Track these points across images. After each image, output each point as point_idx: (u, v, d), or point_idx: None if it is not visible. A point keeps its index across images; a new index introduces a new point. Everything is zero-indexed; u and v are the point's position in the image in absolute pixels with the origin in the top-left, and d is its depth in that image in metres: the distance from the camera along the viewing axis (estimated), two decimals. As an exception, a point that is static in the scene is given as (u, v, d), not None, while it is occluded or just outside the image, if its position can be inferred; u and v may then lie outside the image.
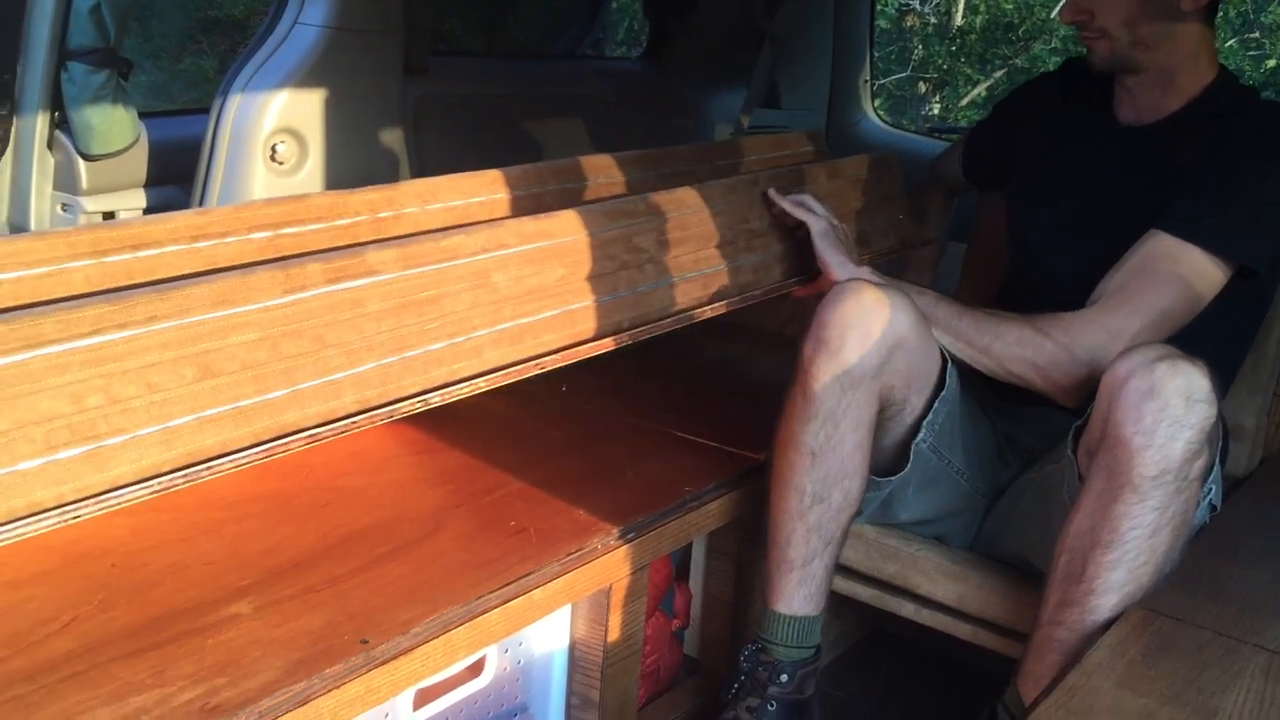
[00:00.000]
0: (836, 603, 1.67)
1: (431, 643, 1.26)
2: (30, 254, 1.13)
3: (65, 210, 2.04)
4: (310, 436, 1.20)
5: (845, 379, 1.49)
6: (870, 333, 1.48)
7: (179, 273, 1.22)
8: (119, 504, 1.06)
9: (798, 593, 1.57)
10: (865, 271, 1.63)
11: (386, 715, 1.32)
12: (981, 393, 1.65)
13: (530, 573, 1.39)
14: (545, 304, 1.45)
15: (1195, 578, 1.41)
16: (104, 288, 1.16)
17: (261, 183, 1.76)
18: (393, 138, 1.94)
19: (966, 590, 1.61)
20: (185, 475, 1.10)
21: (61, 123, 2.05)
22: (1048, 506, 1.51)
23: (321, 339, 1.22)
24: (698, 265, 1.69)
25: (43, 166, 2.06)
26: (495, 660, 1.45)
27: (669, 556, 1.72)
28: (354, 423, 1.23)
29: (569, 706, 1.59)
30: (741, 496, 1.69)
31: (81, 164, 2.03)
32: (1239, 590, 1.42)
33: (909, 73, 8.70)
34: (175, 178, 2.10)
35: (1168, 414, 1.30)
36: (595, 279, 1.52)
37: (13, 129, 2.08)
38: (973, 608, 1.61)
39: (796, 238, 1.75)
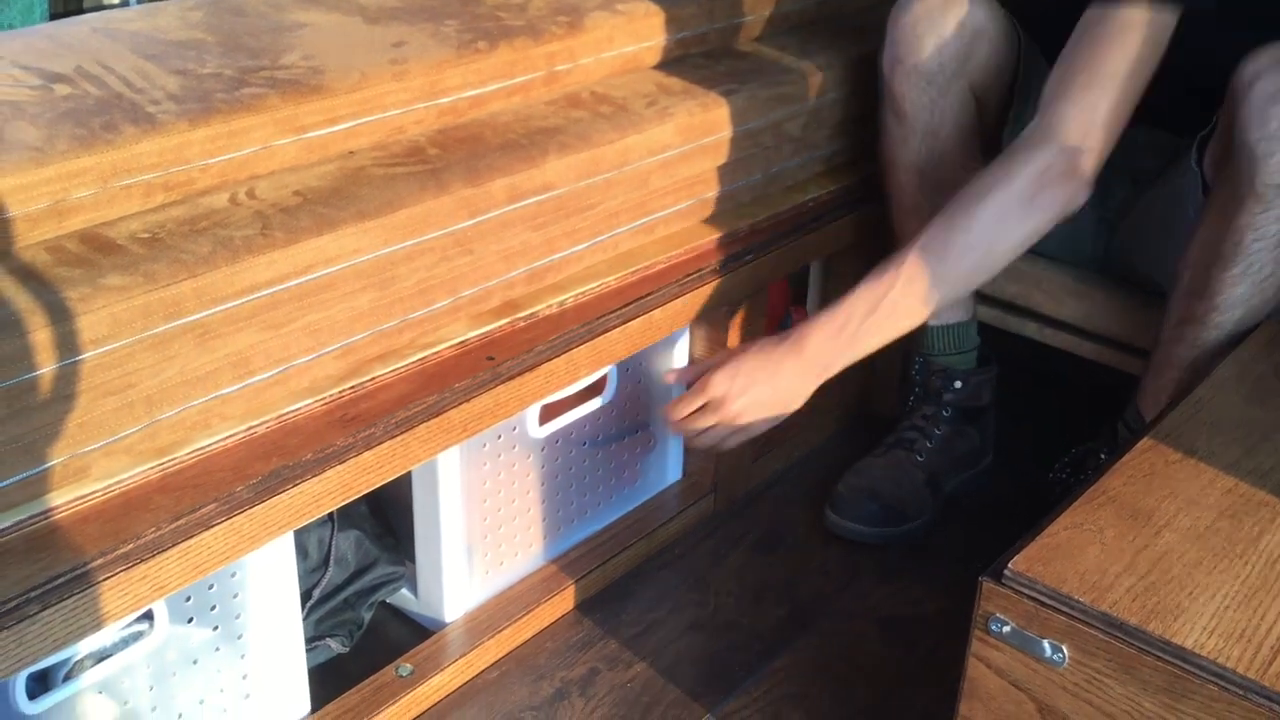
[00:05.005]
0: (955, 324, 1.66)
1: (554, 361, 1.30)
2: (236, 131, 1.13)
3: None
4: (460, 344, 1.26)
5: (931, 86, 1.44)
6: (944, 30, 1.42)
7: (373, 145, 1.25)
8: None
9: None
10: None
11: (514, 429, 1.38)
12: None
13: (649, 294, 1.41)
14: (684, 195, 1.48)
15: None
16: (306, 172, 1.19)
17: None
18: None
19: (1092, 309, 1.59)
20: (354, 387, 1.18)
21: None
22: (1172, 223, 1.45)
23: (489, 251, 1.27)
24: (831, 143, 1.67)
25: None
26: (616, 379, 1.49)
27: (786, 280, 1.72)
28: (496, 329, 1.29)
29: (688, 424, 1.63)
30: (860, 220, 1.67)
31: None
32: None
33: None
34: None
35: None
36: (734, 165, 1.52)
37: None
38: (1099, 326, 1.59)
39: None
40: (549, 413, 1.41)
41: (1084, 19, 1.31)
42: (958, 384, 1.63)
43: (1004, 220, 1.29)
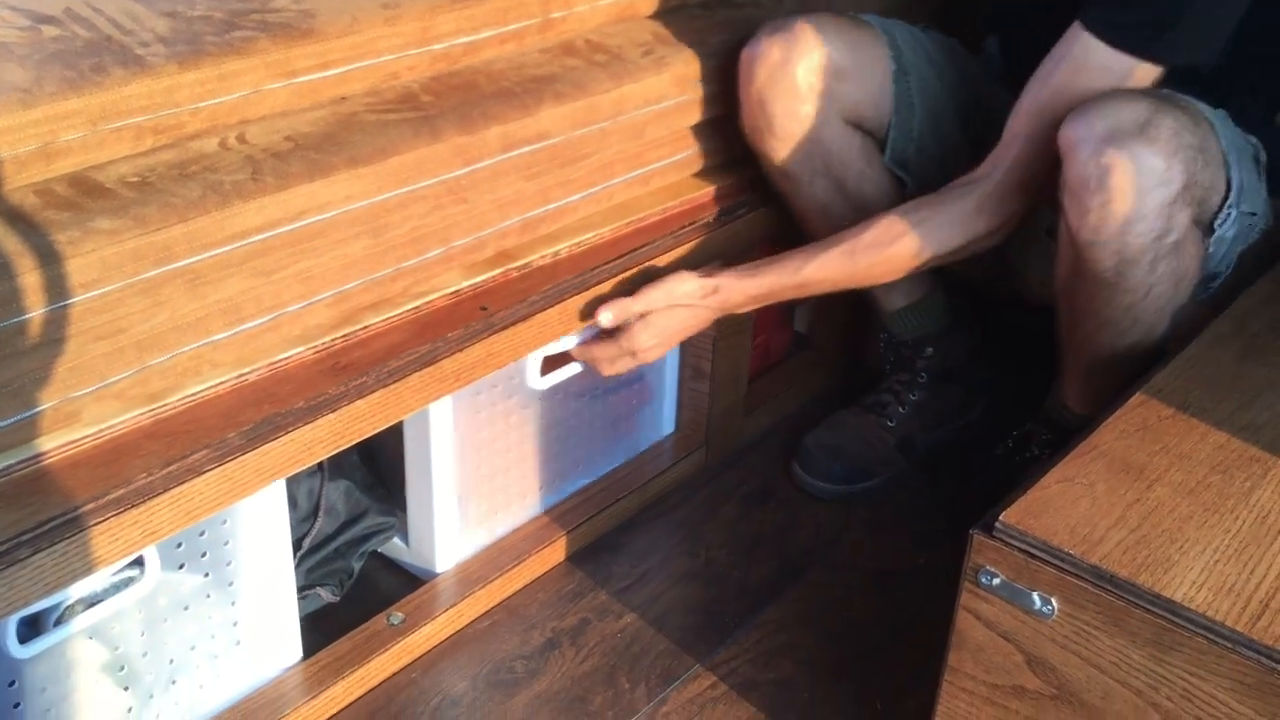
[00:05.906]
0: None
1: (547, 311, 1.29)
2: (226, 74, 1.11)
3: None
4: (453, 294, 1.25)
5: (805, 146, 1.41)
6: (796, 87, 1.38)
7: (365, 90, 1.23)
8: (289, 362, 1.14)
9: (887, 297, 1.58)
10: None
11: (513, 379, 1.37)
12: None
13: (643, 245, 1.40)
14: (679, 147, 1.47)
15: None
16: (297, 117, 1.17)
17: None
18: None
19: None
20: (345, 335, 1.17)
21: None
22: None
23: (483, 200, 1.25)
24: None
25: None
26: (609, 331, 1.48)
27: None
28: (490, 279, 1.28)
29: (682, 377, 1.63)
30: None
31: None
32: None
33: None
34: None
35: (1111, 212, 1.14)
36: (730, 117, 1.49)
37: None
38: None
39: None
40: (549, 365, 1.41)
41: (1065, 42, 1.24)
42: (929, 350, 1.62)
43: (923, 248, 1.32)
